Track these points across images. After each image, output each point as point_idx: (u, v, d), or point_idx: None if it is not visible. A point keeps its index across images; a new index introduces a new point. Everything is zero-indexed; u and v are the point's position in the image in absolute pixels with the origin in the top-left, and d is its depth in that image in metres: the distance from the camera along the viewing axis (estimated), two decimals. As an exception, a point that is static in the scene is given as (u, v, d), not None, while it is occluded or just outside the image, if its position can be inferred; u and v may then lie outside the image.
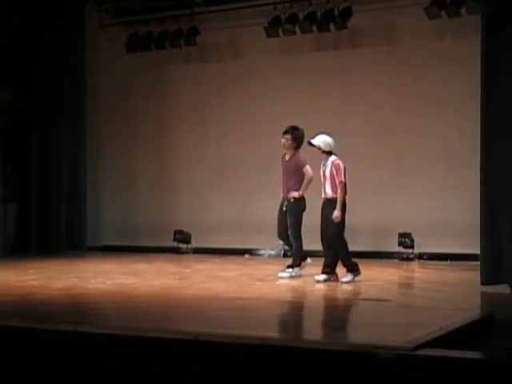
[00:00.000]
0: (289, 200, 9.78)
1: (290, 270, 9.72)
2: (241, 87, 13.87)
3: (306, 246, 9.81)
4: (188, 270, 11.25)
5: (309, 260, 9.91)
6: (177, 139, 14.55)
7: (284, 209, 9.86)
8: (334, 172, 9.12)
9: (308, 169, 9.74)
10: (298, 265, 9.75)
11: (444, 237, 12.20)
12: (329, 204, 9.15)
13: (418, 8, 12.00)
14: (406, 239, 12.29)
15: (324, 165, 9.25)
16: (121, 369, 5.42)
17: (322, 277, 9.09)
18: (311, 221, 9.54)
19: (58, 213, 14.34)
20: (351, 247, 9.40)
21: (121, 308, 7.46)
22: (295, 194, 9.68)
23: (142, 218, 14.59)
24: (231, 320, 6.39)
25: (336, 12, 12.68)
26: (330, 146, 9.30)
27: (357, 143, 12.86)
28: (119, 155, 14.92)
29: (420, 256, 12.43)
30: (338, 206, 9.05)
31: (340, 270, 9.20)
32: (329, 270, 9.14)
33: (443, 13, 11.94)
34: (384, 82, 12.85)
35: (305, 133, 9.95)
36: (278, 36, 13.17)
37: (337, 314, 7.23)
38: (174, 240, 13.93)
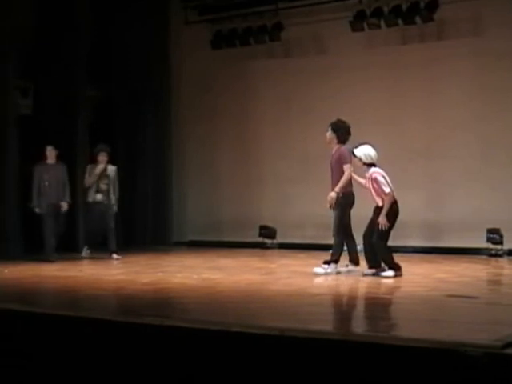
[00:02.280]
0: (337, 195, 9.62)
1: (326, 266, 9.58)
2: (325, 81, 13.82)
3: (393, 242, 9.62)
4: (273, 265, 11.28)
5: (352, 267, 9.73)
6: (261, 134, 14.61)
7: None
8: (376, 186, 9.11)
9: (347, 168, 9.54)
10: (336, 261, 9.61)
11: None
12: (380, 210, 9.11)
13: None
14: (494, 235, 12.03)
15: (366, 176, 9.26)
16: (206, 363, 5.47)
17: (370, 271, 9.19)
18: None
19: (145, 208, 14.61)
20: (438, 244, 9.27)
21: (206, 303, 7.54)
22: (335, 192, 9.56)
23: (227, 213, 14.71)
24: (316, 315, 6.38)
25: (422, 4, 12.52)
26: (371, 159, 9.23)
27: (443, 135, 12.69)
28: (204, 151, 15.08)
29: (510, 252, 12.14)
30: (383, 213, 9.00)
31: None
32: (375, 264, 9.20)
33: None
34: (470, 74, 12.63)
35: (349, 126, 9.79)
36: (362, 30, 13.09)
37: (423, 310, 7.13)
38: (260, 235, 14.00)
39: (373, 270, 9.19)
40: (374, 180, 9.11)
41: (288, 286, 8.62)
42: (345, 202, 9.64)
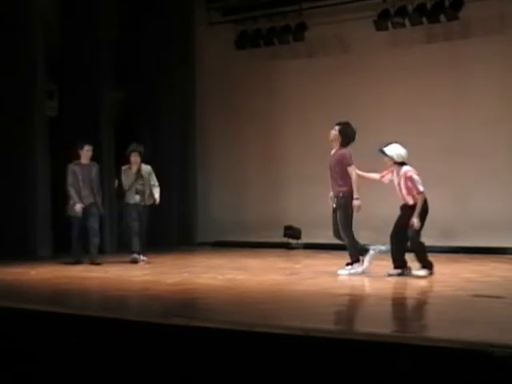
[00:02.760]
0: (338, 196, 9.62)
1: (349, 267, 9.56)
2: (349, 81, 13.79)
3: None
4: (298, 266, 11.26)
5: (372, 251, 9.67)
6: (285, 134, 14.60)
7: (334, 205, 9.73)
8: (410, 185, 9.04)
9: (351, 170, 9.55)
10: (357, 260, 9.56)
11: None
12: (411, 210, 9.05)
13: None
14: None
15: (397, 175, 9.17)
16: (231, 363, 5.47)
17: (395, 271, 9.11)
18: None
19: (170, 209, 14.63)
20: (464, 243, 9.20)
21: (231, 303, 7.54)
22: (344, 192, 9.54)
23: (252, 213, 14.71)
24: (341, 315, 6.36)
25: (446, 3, 12.45)
26: (403, 158, 9.19)
27: (469, 134, 12.62)
28: (228, 151, 15.10)
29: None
30: (416, 213, 8.94)
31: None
32: (400, 263, 9.12)
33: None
34: (496, 72, 12.54)
35: (356, 132, 9.77)
36: (386, 29, 13.05)
37: (450, 310, 7.08)
38: (284, 235, 13.99)
39: (398, 271, 9.14)
40: (409, 178, 9.04)
41: (313, 286, 8.60)
42: (345, 202, 9.61)
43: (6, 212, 12.49)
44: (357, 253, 9.65)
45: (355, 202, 9.53)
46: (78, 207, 11.13)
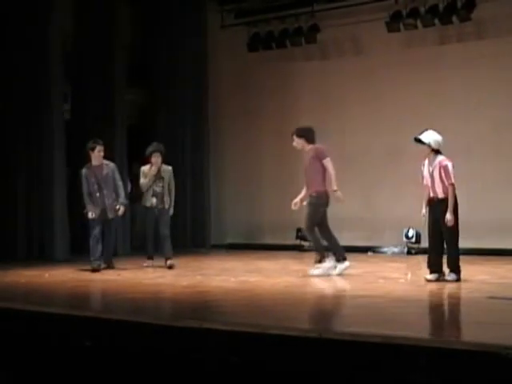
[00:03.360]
0: (311, 194, 9.58)
1: (319, 265, 9.56)
2: (362, 83, 13.77)
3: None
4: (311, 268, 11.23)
5: (347, 263, 9.66)
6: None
7: (305, 203, 9.69)
8: (443, 174, 8.68)
9: (327, 163, 9.52)
10: (324, 257, 9.58)
11: None
12: (441, 204, 8.69)
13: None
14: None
15: (431, 164, 8.81)
16: (244, 365, 5.47)
17: (433, 276, 8.77)
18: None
19: (184, 211, 14.64)
20: (478, 245, 9.13)
21: (244, 305, 7.53)
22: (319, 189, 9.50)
23: (265, 215, 14.71)
24: (355, 318, 6.34)
25: (459, 4, 12.40)
26: (439, 145, 8.84)
27: (483, 135, 12.58)
28: (241, 153, 15.10)
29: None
30: (450, 208, 8.60)
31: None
32: (438, 268, 8.80)
33: None
34: (510, 73, 12.47)
35: (311, 127, 9.92)
36: (399, 31, 13.02)
37: (465, 312, 7.05)
38: (297, 238, 13.97)
39: (436, 275, 8.76)
40: (445, 168, 8.67)
41: (326, 288, 8.58)
42: (317, 201, 9.57)
43: (23, 215, 12.57)
44: (322, 249, 9.65)
45: (338, 194, 9.50)
46: (91, 215, 10.70)
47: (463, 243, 12.77)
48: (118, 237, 13.01)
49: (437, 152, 8.84)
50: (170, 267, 10.88)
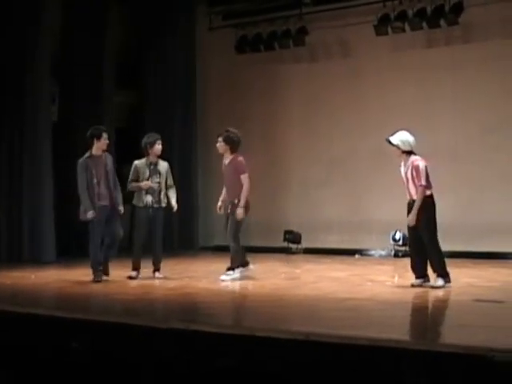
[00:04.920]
0: (234, 202, 9.54)
1: (231, 272, 9.46)
2: (350, 85, 13.81)
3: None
4: (298, 271, 11.25)
5: (251, 266, 9.70)
6: (287, 138, 14.60)
7: (228, 211, 9.63)
8: (414, 174, 8.45)
9: (244, 178, 9.51)
10: (238, 266, 9.50)
11: None
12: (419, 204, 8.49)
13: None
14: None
15: (405, 165, 8.60)
16: (232, 367, 5.47)
17: (418, 281, 8.64)
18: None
19: (171, 214, 14.59)
20: (467, 248, 9.12)
21: (231, 307, 7.53)
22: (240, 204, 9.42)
23: (252, 217, 14.58)
24: (342, 320, 6.35)
25: (447, 8, 12.44)
26: (410, 145, 8.59)
27: (471, 139, 12.63)
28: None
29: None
30: (414, 210, 8.44)
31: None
32: (422, 273, 8.66)
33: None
34: (498, 77, 12.55)
35: (240, 136, 9.78)
36: (387, 34, 13.05)
37: (451, 315, 7.08)
38: (285, 240, 13.98)
39: (420, 280, 8.61)
40: (416, 168, 8.44)
41: (314, 290, 8.59)
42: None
43: (10, 217, 12.49)
44: (239, 260, 9.59)
45: (239, 210, 9.43)
46: (91, 214, 9.20)
47: (451, 246, 12.84)
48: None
49: (409, 153, 8.61)
50: (155, 277, 9.85)
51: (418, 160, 8.56)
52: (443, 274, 8.53)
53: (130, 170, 10.09)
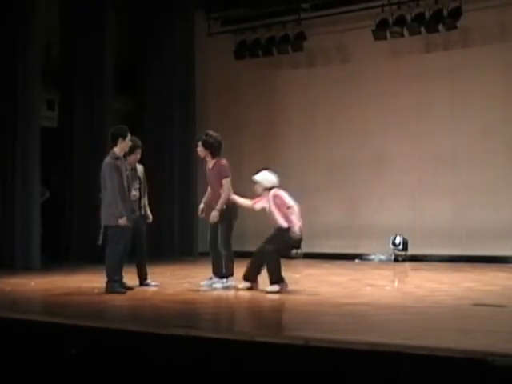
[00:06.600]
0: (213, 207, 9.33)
1: (225, 280, 9.29)
2: (349, 90, 13.83)
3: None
4: (298, 275, 11.23)
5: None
6: (285, 143, 14.61)
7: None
8: (278, 202, 8.90)
9: (226, 183, 9.33)
10: (232, 274, 9.35)
11: None
12: (280, 231, 9.07)
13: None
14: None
15: (267, 201, 9.01)
16: (232, 373, 5.46)
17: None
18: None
19: (171, 219, 14.63)
20: (465, 252, 9.13)
21: (231, 313, 7.52)
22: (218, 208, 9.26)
23: (251, 222, 14.68)
24: (342, 325, 6.35)
25: (445, 12, 12.46)
26: (272, 183, 9.04)
27: (469, 143, 12.64)
28: (229, 161, 15.05)
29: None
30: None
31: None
32: (253, 277, 8.97)
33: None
34: (497, 81, 12.58)
35: (220, 139, 9.42)
36: (385, 39, 13.07)
37: (451, 319, 7.07)
38: (284, 245, 13.94)
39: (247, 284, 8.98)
40: (275, 196, 8.89)
41: (313, 295, 8.58)
42: (229, 214, 9.42)
43: (2, 223, 12.40)
44: (232, 266, 9.47)
45: (213, 213, 9.21)
46: (124, 220, 8.47)
47: (450, 250, 12.90)
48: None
49: (271, 189, 9.00)
50: (149, 285, 9.51)
51: (276, 190, 9.00)
52: (279, 281, 8.77)
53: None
